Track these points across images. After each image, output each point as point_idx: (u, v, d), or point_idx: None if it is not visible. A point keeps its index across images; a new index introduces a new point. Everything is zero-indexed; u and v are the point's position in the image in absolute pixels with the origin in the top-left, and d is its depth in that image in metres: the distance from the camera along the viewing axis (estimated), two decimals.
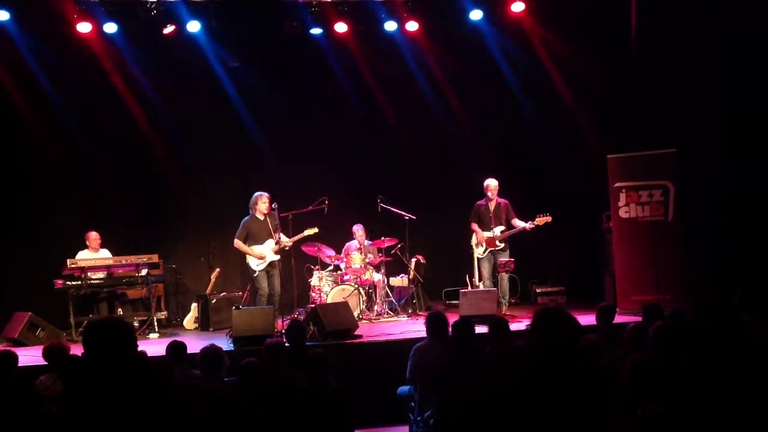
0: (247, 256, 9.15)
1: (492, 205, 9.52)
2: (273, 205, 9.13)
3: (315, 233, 9.30)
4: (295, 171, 10.99)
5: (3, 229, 10.05)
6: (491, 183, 9.57)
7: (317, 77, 11.18)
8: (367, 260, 9.82)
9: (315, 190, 9.78)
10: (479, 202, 9.67)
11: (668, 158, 9.26)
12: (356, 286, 9.55)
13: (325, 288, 9.62)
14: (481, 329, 6.09)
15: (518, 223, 9.41)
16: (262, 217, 9.16)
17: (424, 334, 6.09)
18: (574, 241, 10.64)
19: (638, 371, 3.76)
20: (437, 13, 10.64)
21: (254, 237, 9.12)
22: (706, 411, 3.32)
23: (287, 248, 9.18)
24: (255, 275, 9.12)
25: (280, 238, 9.06)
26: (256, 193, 9.20)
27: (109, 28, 9.87)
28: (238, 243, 9.15)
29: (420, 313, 9.77)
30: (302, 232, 9.19)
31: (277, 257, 9.17)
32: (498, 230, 9.41)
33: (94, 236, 9.54)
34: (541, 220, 9.22)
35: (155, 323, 9.04)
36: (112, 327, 2.96)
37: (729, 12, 9.55)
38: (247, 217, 9.22)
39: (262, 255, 9.06)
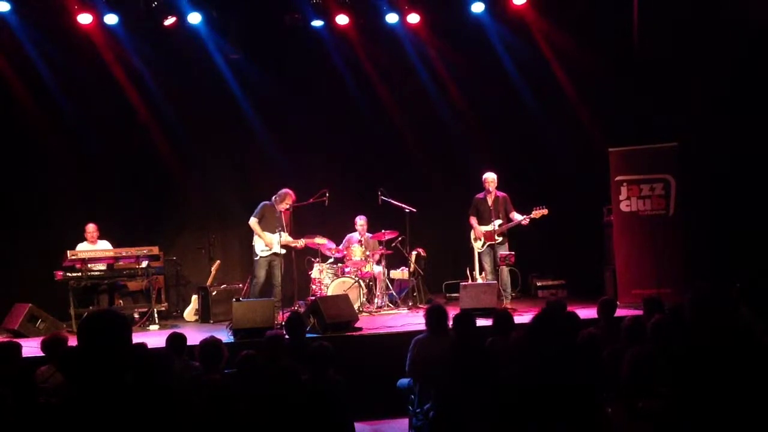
0: (255, 238, 9.36)
1: (491, 199, 9.47)
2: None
3: (325, 243, 9.64)
4: (296, 163, 11.00)
5: (3, 221, 10.05)
6: (489, 176, 9.52)
7: (318, 69, 11.17)
8: (368, 253, 9.82)
9: (316, 182, 9.79)
10: (478, 196, 9.62)
11: (670, 152, 9.25)
12: (357, 278, 9.55)
13: (325, 280, 9.61)
14: (481, 322, 6.10)
15: (516, 217, 9.36)
16: (278, 211, 9.39)
17: (424, 326, 6.10)
18: (575, 234, 10.60)
19: (638, 365, 3.77)
20: (439, 5, 10.61)
21: (266, 224, 9.33)
22: (706, 405, 3.31)
23: (298, 248, 9.43)
24: (257, 259, 9.34)
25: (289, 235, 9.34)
26: (287, 190, 9.39)
27: (109, 20, 9.86)
28: (253, 222, 9.34)
29: (420, 305, 9.74)
30: (314, 236, 9.53)
31: (283, 251, 9.34)
32: (497, 223, 9.38)
33: (91, 228, 9.52)
34: (537, 213, 9.18)
35: (155, 315, 9.05)
36: (102, 319, 2.96)
37: (731, 4, 9.52)
38: (267, 202, 9.43)
39: (270, 243, 9.25)
